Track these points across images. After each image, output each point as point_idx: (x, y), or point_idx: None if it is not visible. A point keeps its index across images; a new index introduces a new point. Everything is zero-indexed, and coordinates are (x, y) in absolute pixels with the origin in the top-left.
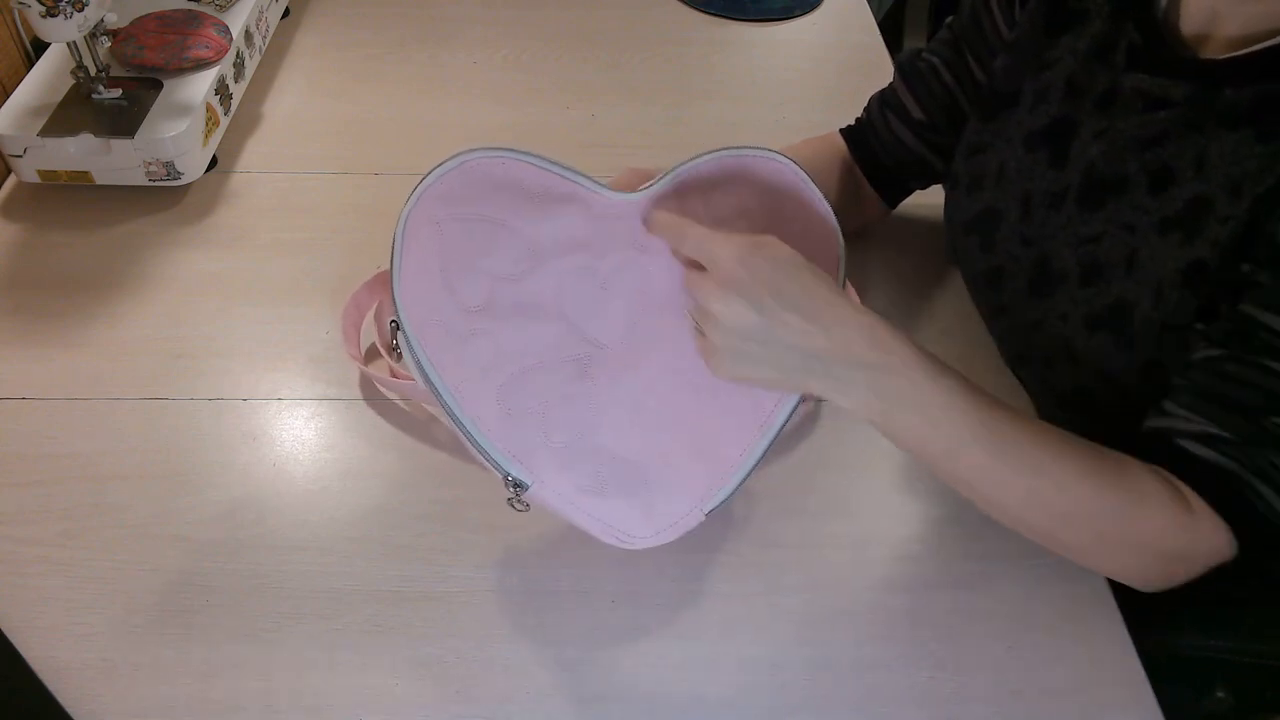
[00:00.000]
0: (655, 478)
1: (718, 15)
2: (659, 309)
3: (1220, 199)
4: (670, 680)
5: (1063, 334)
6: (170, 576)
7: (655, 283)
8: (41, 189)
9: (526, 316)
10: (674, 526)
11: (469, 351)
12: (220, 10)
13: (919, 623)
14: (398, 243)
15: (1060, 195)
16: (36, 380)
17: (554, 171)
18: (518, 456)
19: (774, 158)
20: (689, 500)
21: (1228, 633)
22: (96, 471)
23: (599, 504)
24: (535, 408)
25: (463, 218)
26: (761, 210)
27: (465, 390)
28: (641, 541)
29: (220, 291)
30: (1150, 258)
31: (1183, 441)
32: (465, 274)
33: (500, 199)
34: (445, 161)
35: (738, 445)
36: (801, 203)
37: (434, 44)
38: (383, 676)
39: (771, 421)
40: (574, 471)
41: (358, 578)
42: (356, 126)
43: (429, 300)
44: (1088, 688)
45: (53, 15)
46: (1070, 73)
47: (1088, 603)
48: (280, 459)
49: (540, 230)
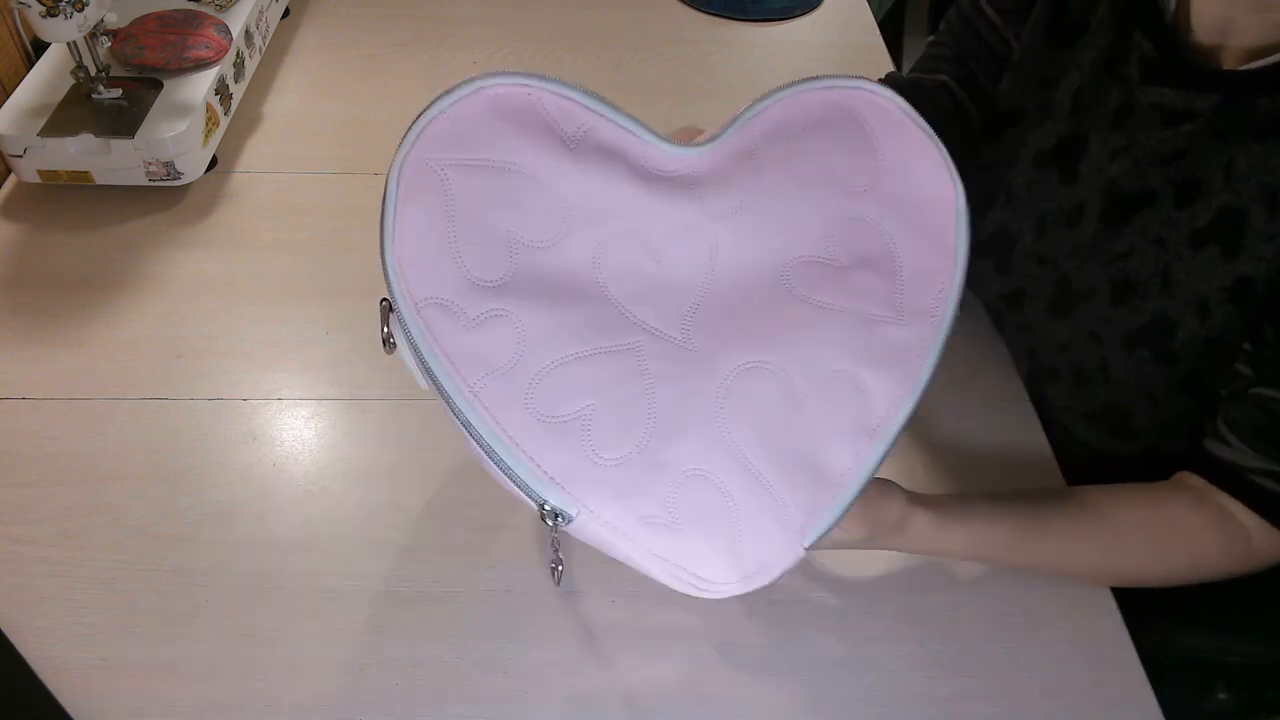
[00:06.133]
0: (741, 499)
1: (718, 15)
2: (732, 287)
3: (1255, 211)
4: (670, 680)
5: (1097, 353)
6: (170, 576)
7: (726, 255)
8: (41, 189)
9: (559, 295)
10: (766, 567)
11: (485, 340)
12: (220, 10)
13: (919, 623)
14: (390, 196)
15: (1076, 212)
16: (36, 380)
17: (597, 111)
18: (557, 479)
19: (872, 89)
20: (785, 529)
21: (1229, 633)
22: (96, 471)
23: (668, 541)
24: (576, 413)
25: (476, 165)
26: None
27: (484, 391)
28: (725, 589)
29: (220, 291)
30: (1186, 273)
31: (1255, 478)
32: (479, 239)
33: (525, 141)
34: (454, 89)
35: (844, 454)
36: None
37: (434, 44)
38: (383, 676)
39: (885, 428)
40: (635, 498)
41: (358, 578)
42: (356, 126)
43: (431, 273)
44: (1088, 688)
45: (53, 15)
46: (1076, 87)
47: (1088, 603)
48: (280, 459)
49: (576, 185)
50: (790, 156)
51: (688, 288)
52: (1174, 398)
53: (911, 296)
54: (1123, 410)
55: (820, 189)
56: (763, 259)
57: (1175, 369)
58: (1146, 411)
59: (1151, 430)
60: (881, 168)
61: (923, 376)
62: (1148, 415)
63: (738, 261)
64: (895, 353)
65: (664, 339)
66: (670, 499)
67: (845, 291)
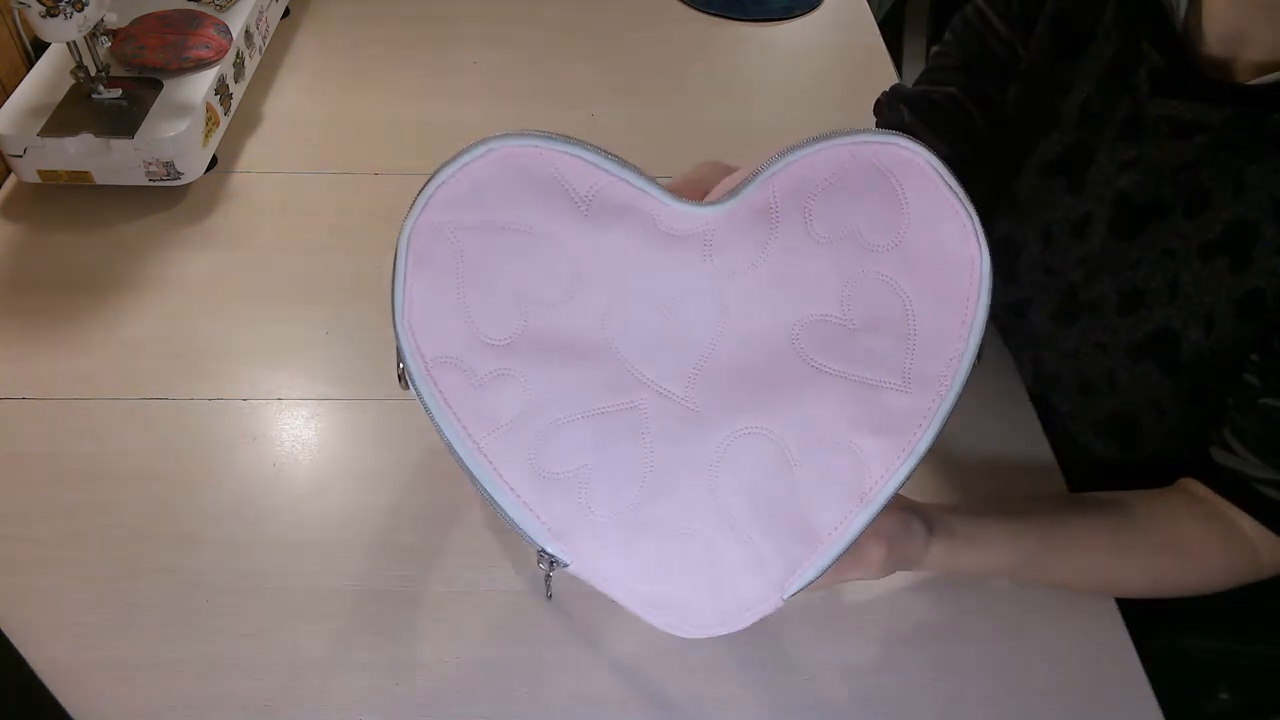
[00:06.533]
0: (725, 555)
1: (718, 15)
2: (738, 347)
3: (1266, 224)
4: (670, 680)
5: (1103, 362)
6: (170, 576)
7: (735, 314)
8: (41, 189)
9: (567, 354)
10: (746, 612)
11: (492, 398)
12: (220, 10)
13: (919, 623)
14: (400, 259)
15: (1083, 223)
16: (36, 380)
17: (607, 170)
18: (554, 530)
19: (904, 144)
20: (765, 583)
21: (1229, 633)
22: (96, 471)
23: (654, 588)
24: (575, 470)
25: (487, 226)
26: (878, 232)
27: (488, 446)
28: (703, 630)
29: (220, 291)
30: (1194, 284)
31: (1260, 487)
32: (489, 299)
33: (535, 202)
34: (464, 152)
35: (831, 518)
36: (936, 216)
37: (434, 44)
38: (383, 676)
39: (876, 493)
40: (625, 550)
41: (358, 578)
42: (357, 126)
43: (442, 333)
44: (1088, 688)
45: (53, 15)
46: (1084, 98)
47: (1088, 603)
48: (280, 459)
49: (586, 245)
50: (810, 214)
51: (694, 345)
52: (1179, 408)
53: (921, 362)
54: (1127, 419)
55: (839, 246)
56: (773, 319)
57: (1180, 380)
58: (1151, 421)
59: (1155, 439)
60: (906, 226)
61: (921, 446)
62: (1152, 425)
63: (747, 321)
64: (897, 421)
65: (667, 397)
66: (659, 553)
67: (854, 357)
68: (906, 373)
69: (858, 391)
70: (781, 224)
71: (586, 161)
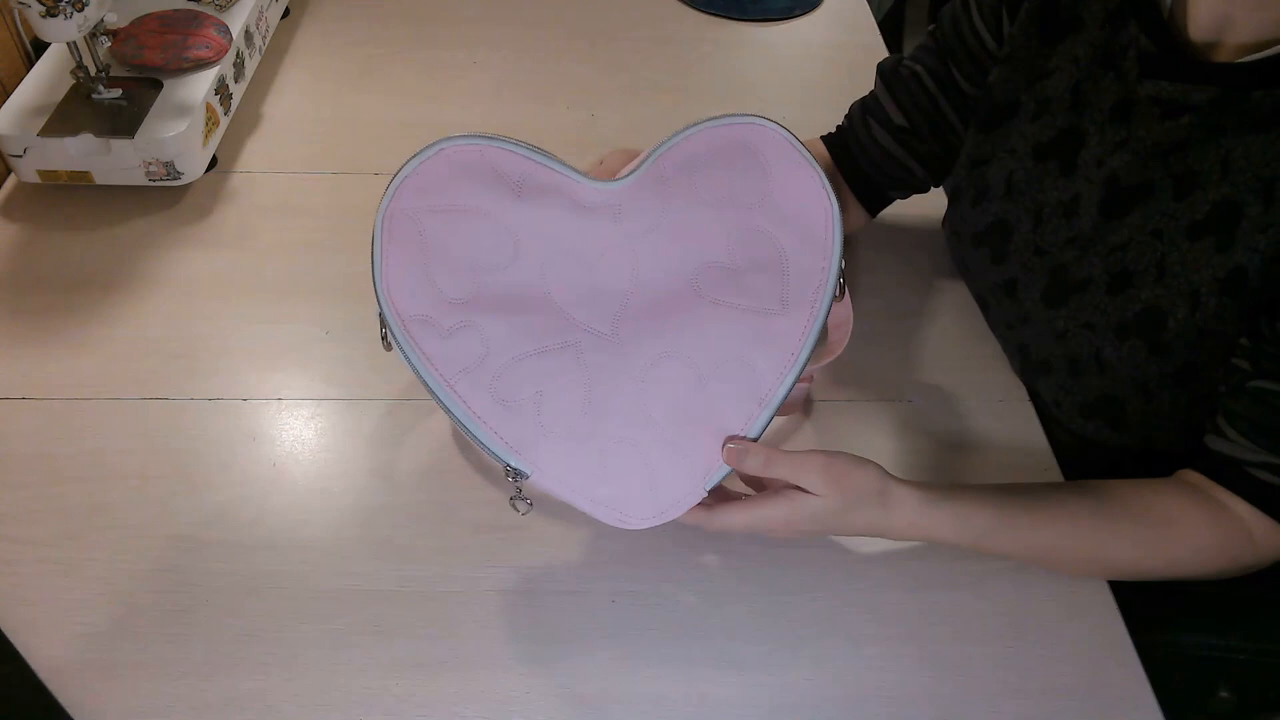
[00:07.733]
0: (657, 458)
1: (718, 15)
2: (650, 291)
3: (1250, 202)
4: (670, 680)
5: (1091, 343)
6: (170, 576)
7: (645, 265)
8: (41, 189)
9: (514, 306)
10: (676, 505)
11: (458, 345)
12: (220, 10)
13: (920, 623)
14: (377, 237)
15: (1073, 204)
16: (36, 380)
17: (534, 160)
18: (515, 447)
19: (761, 124)
20: (691, 478)
21: (1230, 632)
22: (96, 471)
23: (600, 487)
24: (530, 397)
25: (442, 209)
26: (749, 192)
27: (458, 384)
28: (643, 521)
29: (220, 291)
30: (1181, 264)
31: (1255, 471)
32: (448, 267)
33: (479, 188)
34: (420, 152)
35: (738, 419)
36: (794, 176)
37: (434, 44)
38: (383, 676)
39: (772, 396)
40: (575, 457)
41: (358, 578)
42: (356, 126)
43: (413, 295)
44: (1088, 688)
45: (53, 15)
46: (1074, 82)
47: (1088, 603)
48: (280, 459)
49: (522, 218)
50: (695, 183)
51: (614, 292)
52: (1166, 389)
53: (795, 291)
54: (1116, 401)
55: (721, 207)
56: (675, 267)
57: (1167, 359)
58: (1139, 402)
59: (1144, 422)
60: (771, 187)
61: (802, 357)
62: (1140, 406)
63: (654, 270)
64: (780, 339)
65: (597, 335)
66: (603, 459)
67: (742, 291)
68: (784, 300)
69: (748, 318)
70: (674, 192)
71: (517, 154)
